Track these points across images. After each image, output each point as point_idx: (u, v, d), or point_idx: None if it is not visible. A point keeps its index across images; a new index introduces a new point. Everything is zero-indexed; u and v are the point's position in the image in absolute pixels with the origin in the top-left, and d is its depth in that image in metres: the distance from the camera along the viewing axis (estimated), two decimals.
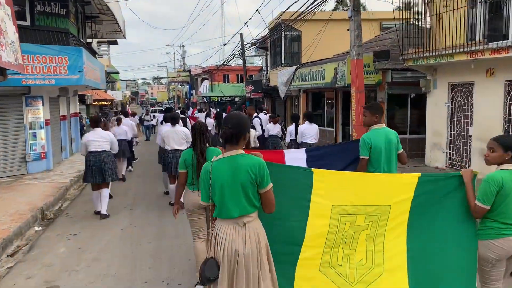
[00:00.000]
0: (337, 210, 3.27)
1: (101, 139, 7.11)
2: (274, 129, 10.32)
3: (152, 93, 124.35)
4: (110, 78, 50.72)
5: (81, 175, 11.05)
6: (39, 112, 11.37)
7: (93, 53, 15.34)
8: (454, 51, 8.68)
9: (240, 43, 25.62)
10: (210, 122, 12.86)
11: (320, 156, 5.38)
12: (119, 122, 11.36)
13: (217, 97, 43.04)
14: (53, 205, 8.10)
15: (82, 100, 31.15)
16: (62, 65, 10.43)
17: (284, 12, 17.10)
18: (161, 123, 11.24)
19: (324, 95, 15.99)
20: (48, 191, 8.84)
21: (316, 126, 8.70)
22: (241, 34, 25.96)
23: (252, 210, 2.85)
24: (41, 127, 11.44)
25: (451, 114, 10.19)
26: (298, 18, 15.76)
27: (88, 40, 15.95)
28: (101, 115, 12.04)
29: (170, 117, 7.73)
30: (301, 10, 14.97)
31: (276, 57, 20.98)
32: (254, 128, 9.67)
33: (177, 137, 7.33)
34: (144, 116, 27.18)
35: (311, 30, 18.48)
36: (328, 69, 12.50)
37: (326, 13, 17.22)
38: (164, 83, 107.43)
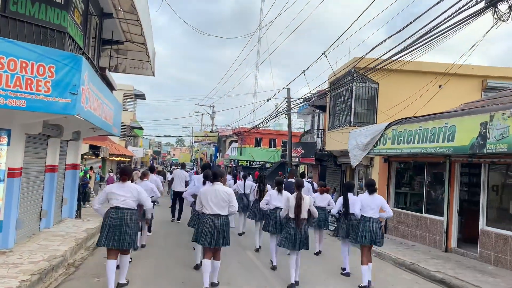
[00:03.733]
0: None
1: (128, 194, 5.84)
2: (322, 200, 9.41)
3: (174, 154, 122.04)
4: (133, 133, 47.44)
5: (54, 266, 6.49)
6: None
7: (109, 85, 11.31)
8: None
9: (286, 99, 21.60)
10: (249, 184, 11.37)
11: None
12: (145, 176, 8.85)
13: (246, 161, 38.81)
14: None
15: (96, 153, 27.30)
16: (43, 77, 6.16)
17: (361, 59, 12.98)
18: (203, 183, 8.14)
19: (424, 168, 11.24)
20: None
21: (381, 198, 7.15)
22: (288, 89, 22.03)
23: None
24: None
25: None
26: (380, 65, 11.60)
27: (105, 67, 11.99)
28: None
29: (213, 174, 6.43)
30: (385, 57, 10.88)
31: (336, 116, 16.67)
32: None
33: (217, 198, 6.06)
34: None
35: (391, 83, 14.28)
36: (465, 125, 7.90)
37: (414, 62, 13.06)
38: (187, 146, 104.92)
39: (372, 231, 6.83)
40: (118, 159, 35.33)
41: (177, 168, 14.51)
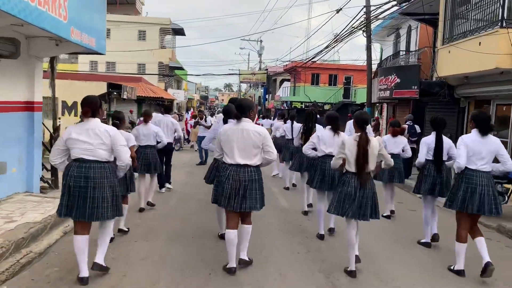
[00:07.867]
0: None
1: (95, 140, 3.77)
2: (395, 145, 7.01)
3: (222, 100, 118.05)
4: (173, 73, 42.40)
5: None
6: None
7: None
8: None
9: (364, 7, 15.14)
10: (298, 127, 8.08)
11: None
12: (146, 118, 6.68)
13: (301, 102, 32.70)
14: None
15: (119, 93, 22.56)
16: None
17: None
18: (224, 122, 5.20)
19: None
20: None
21: (499, 141, 4.58)
22: None
23: None
24: None
25: None
26: None
27: None
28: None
29: (237, 106, 4.28)
30: None
31: (455, 22, 10.28)
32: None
33: (244, 140, 4.10)
34: (203, 121, 13.83)
35: None
36: None
37: None
38: (235, 91, 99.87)
39: (482, 193, 4.29)
40: (156, 102, 30.58)
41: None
